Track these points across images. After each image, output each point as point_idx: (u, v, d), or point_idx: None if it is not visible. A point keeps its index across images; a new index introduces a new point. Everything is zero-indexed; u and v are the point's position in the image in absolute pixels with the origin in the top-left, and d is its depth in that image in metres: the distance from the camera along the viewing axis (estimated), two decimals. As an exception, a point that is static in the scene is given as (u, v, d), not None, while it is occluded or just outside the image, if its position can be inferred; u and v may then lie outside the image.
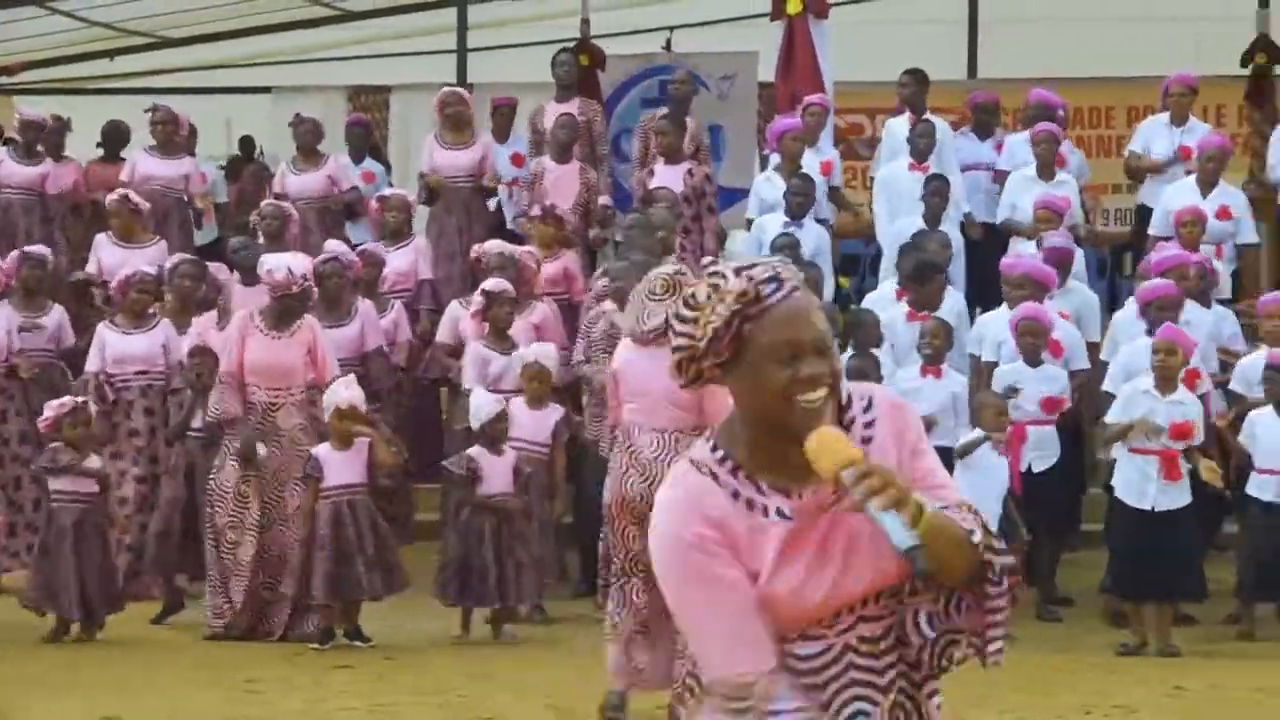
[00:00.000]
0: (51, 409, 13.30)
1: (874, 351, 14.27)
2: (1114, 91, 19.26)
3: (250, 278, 14.58)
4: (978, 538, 4.26)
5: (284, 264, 13.58)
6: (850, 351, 14.24)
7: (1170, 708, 11.22)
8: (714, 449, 4.42)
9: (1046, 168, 16.28)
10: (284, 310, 13.47)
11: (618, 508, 10.78)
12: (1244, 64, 19.31)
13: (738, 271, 4.33)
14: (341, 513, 13.20)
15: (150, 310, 15.01)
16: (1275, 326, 14.20)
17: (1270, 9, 19.54)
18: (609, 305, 13.91)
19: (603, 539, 11.30)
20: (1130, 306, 14.69)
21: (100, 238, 16.46)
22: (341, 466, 13.27)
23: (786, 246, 15.10)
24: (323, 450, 13.25)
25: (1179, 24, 19.33)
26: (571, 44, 19.21)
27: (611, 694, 10.72)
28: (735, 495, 4.34)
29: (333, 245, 15.71)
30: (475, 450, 13.49)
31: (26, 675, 12.30)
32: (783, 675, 4.40)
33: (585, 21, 19.76)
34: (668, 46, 20.51)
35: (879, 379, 13.55)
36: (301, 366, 13.58)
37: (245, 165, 20.08)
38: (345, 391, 13.34)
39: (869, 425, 4.38)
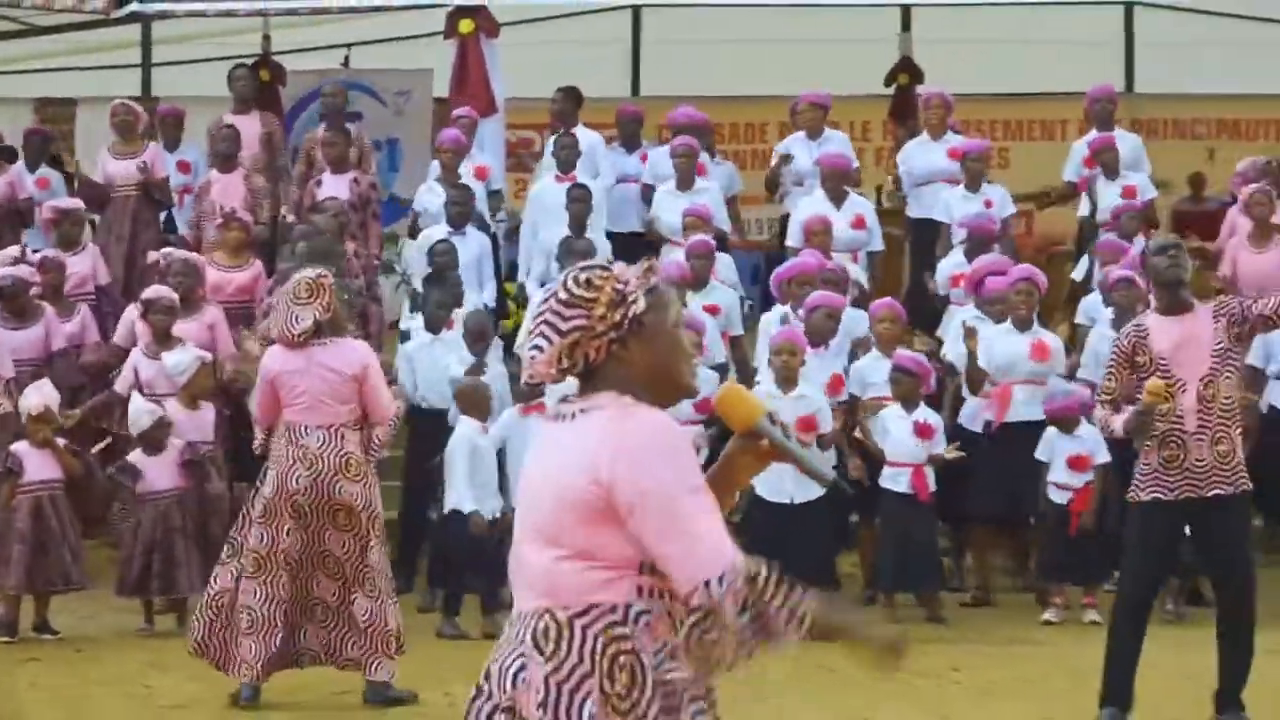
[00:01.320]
0: None
1: None
2: (767, 108, 19.63)
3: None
4: None
5: None
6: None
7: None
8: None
9: (685, 179, 16.60)
10: None
11: (280, 500, 10.75)
12: (888, 83, 19.94)
13: (612, 269, 4.73)
14: (42, 506, 13.14)
15: None
16: (886, 329, 14.49)
17: (911, 33, 20.23)
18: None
19: (249, 530, 10.98)
20: (778, 308, 15.07)
21: None
22: (41, 463, 13.22)
23: (445, 253, 15.46)
24: (21, 447, 13.24)
25: (828, 45, 19.80)
26: (252, 59, 19.21)
27: (246, 685, 10.81)
28: None
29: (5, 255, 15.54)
30: (134, 455, 13.43)
31: None
32: None
33: (266, 38, 19.74)
34: (346, 63, 20.62)
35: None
36: None
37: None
38: (35, 397, 13.39)
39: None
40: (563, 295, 4.66)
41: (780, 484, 13.14)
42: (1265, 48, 19.79)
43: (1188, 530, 10.33)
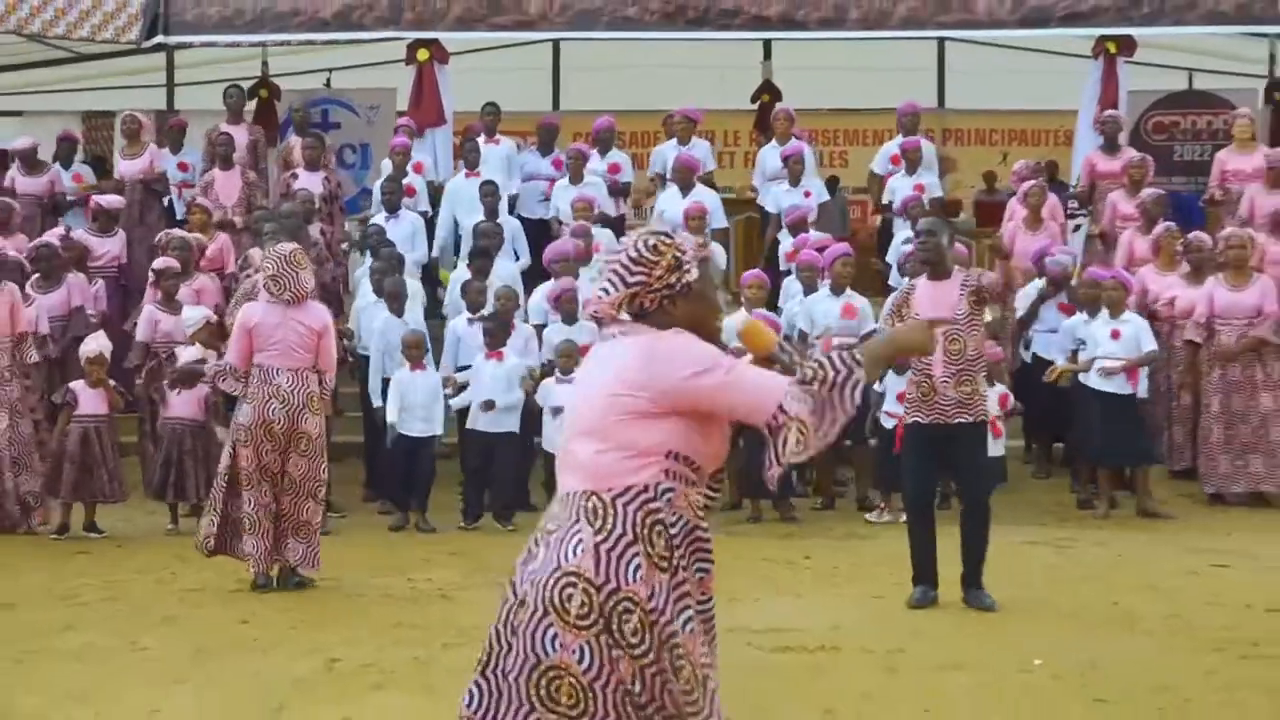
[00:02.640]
0: None
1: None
2: (657, 119, 19.29)
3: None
4: None
5: None
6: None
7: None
8: None
9: (576, 175, 16.79)
10: None
11: (259, 429, 10.77)
12: (753, 101, 20.19)
13: (675, 237, 4.83)
14: (89, 434, 13.22)
15: None
16: (754, 294, 14.45)
17: (771, 61, 20.25)
18: (258, 276, 13.81)
19: (229, 454, 10.96)
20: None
21: None
22: (93, 399, 13.32)
23: (376, 233, 15.72)
24: (77, 385, 13.35)
25: (710, 69, 19.87)
26: (254, 80, 19.44)
27: (258, 575, 10.93)
28: None
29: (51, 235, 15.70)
30: (165, 384, 13.39)
31: None
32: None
33: (265, 63, 19.84)
34: (328, 84, 20.67)
35: None
36: (6, 320, 13.45)
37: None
38: (94, 344, 13.50)
39: None
40: (633, 253, 4.76)
41: None
42: (1045, 74, 19.87)
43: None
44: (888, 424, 13.67)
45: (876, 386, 13.80)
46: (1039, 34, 18.54)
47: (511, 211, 17.11)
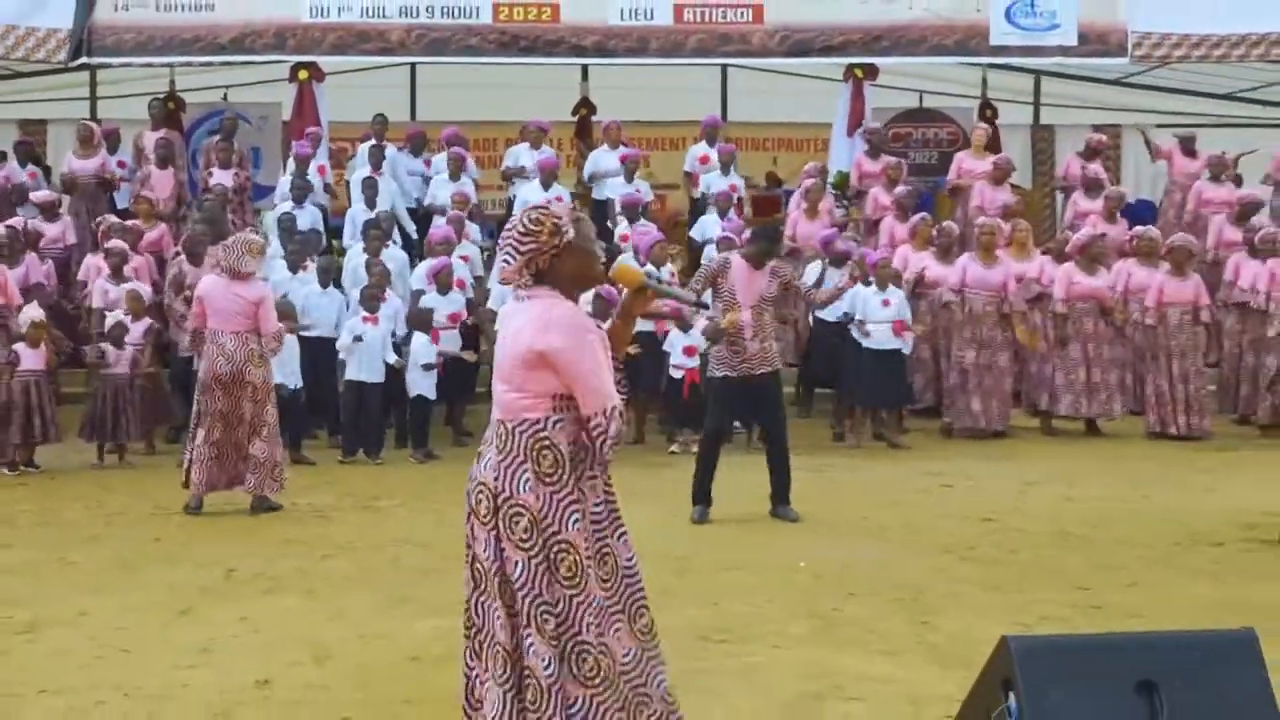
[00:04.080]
0: None
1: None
2: (499, 129, 19.73)
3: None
4: None
5: None
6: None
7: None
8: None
9: (455, 174, 16.77)
10: None
11: (211, 380, 10.79)
12: (573, 114, 20.19)
13: (552, 207, 4.89)
14: (29, 387, 13.07)
15: None
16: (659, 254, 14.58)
17: (588, 81, 20.22)
18: (183, 257, 14.10)
19: (197, 401, 10.94)
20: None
21: None
22: (33, 357, 13.17)
23: (286, 220, 15.49)
24: (20, 346, 13.18)
25: (538, 88, 19.33)
26: (164, 94, 19.04)
27: (193, 499, 10.87)
28: None
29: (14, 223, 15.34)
30: (105, 345, 13.50)
31: None
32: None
33: (172, 81, 19.42)
34: (225, 98, 20.15)
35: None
36: None
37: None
38: (32, 311, 13.38)
39: None
40: (521, 228, 4.80)
41: None
42: (807, 94, 19.84)
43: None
44: (676, 375, 13.84)
45: (665, 345, 13.95)
46: (801, 61, 18.65)
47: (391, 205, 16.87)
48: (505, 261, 4.86)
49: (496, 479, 4.77)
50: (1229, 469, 11.96)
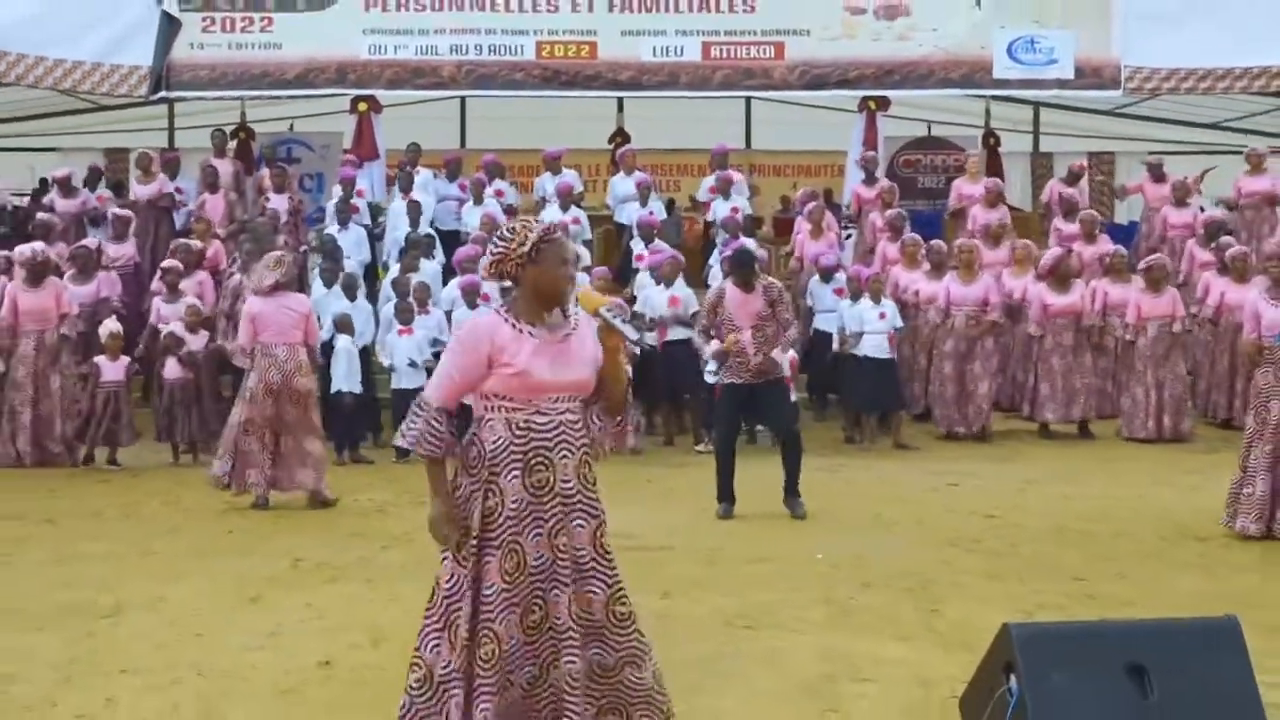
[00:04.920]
0: None
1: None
2: (535, 156, 18.75)
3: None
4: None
5: (28, 248, 13.55)
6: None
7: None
8: (506, 309, 4.84)
9: (478, 197, 16.69)
10: (33, 274, 13.33)
11: (262, 390, 10.73)
12: (610, 142, 19.93)
13: (532, 222, 4.88)
14: (109, 397, 13.10)
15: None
16: (601, 285, 14.16)
17: (623, 113, 20.22)
18: (245, 278, 13.71)
19: (242, 410, 10.79)
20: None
21: None
22: (111, 369, 13.20)
23: (329, 240, 15.37)
24: (100, 359, 13.20)
25: (577, 119, 19.37)
26: (234, 125, 19.23)
27: (260, 497, 10.87)
28: (512, 325, 4.78)
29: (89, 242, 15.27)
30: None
31: None
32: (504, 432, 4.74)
33: (243, 112, 19.55)
34: (291, 128, 20.44)
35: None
36: (53, 307, 13.34)
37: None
38: (112, 325, 13.38)
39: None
40: (499, 235, 4.86)
41: None
42: (824, 124, 19.90)
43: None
44: (710, 380, 13.49)
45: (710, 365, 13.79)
46: (818, 94, 18.66)
47: (430, 224, 16.84)
48: (485, 260, 4.94)
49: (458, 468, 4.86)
50: (1214, 470, 11.85)
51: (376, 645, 6.93)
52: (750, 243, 14.15)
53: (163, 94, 18.22)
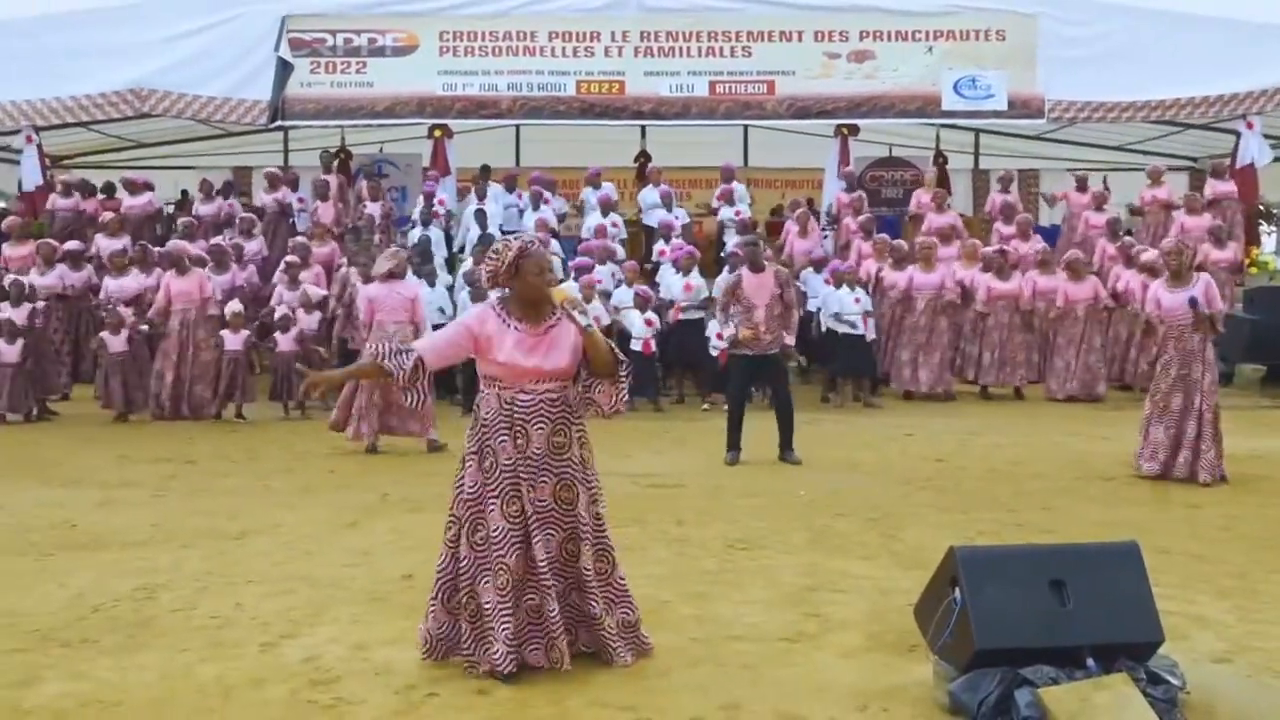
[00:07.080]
0: None
1: None
2: (580, 173, 18.55)
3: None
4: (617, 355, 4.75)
5: (174, 244, 13.67)
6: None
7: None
8: (499, 303, 4.76)
9: (535, 204, 16.51)
10: (179, 266, 13.22)
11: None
12: (635, 161, 19.64)
13: (513, 242, 4.75)
14: (232, 362, 13.07)
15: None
16: (630, 275, 14.38)
17: (647, 137, 19.87)
18: (351, 270, 13.93)
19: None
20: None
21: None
22: (235, 339, 13.16)
23: (424, 240, 15.32)
24: (225, 332, 13.16)
25: (610, 142, 19.19)
26: (336, 147, 19.26)
27: (370, 443, 10.72)
28: (500, 318, 4.72)
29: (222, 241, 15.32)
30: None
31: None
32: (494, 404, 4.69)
33: (343, 137, 19.49)
34: (381, 150, 20.22)
35: None
36: (197, 292, 13.20)
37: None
38: (235, 305, 13.41)
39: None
40: (491, 252, 4.80)
41: None
42: (806, 146, 19.75)
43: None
44: (714, 352, 13.55)
45: (708, 331, 13.60)
46: (802, 122, 18.51)
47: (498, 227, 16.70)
48: (482, 273, 4.86)
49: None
50: (1120, 424, 11.78)
51: (449, 562, 6.89)
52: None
53: (279, 123, 18.19)
